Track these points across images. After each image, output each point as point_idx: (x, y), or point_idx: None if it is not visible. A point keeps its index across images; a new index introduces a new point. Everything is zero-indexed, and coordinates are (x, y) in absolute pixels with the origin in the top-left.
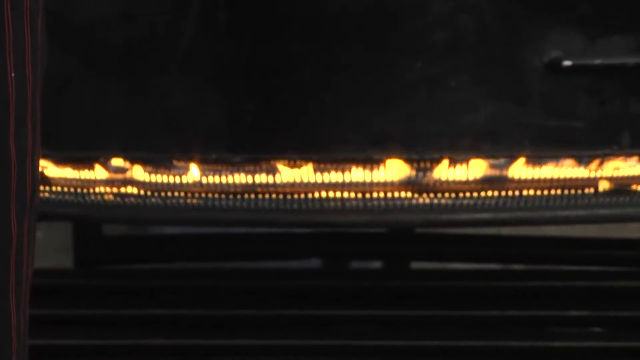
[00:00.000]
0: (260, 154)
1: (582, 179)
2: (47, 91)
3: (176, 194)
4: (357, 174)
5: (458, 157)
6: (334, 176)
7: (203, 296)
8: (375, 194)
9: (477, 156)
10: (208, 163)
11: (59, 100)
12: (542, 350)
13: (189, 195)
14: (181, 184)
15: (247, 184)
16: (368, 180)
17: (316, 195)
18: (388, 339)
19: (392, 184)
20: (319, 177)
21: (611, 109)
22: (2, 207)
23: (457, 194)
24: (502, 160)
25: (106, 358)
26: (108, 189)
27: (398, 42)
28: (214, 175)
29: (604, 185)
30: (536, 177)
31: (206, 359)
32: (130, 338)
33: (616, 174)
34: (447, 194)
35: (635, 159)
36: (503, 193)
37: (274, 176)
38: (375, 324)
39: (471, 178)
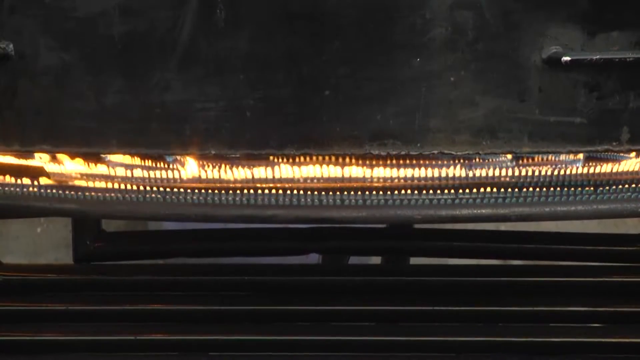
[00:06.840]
0: (259, 150)
1: (581, 175)
2: (47, 86)
3: (175, 189)
4: (357, 169)
5: (457, 153)
6: (333, 171)
7: (201, 292)
8: (374, 190)
9: (476, 152)
10: (207, 159)
11: (58, 95)
12: (542, 345)
13: (188, 190)
14: (180, 179)
15: (246, 180)
16: (368, 175)
17: (315, 190)
18: (387, 334)
19: (391, 179)
20: (318, 173)
21: (611, 105)
22: None
23: (457, 190)
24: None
25: (105, 354)
26: (108, 185)
27: (397, 37)
28: (212, 171)
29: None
30: (536, 172)
31: (206, 355)
32: (129, 334)
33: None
34: (446, 190)
35: (634, 154)
36: (502, 189)
37: (272, 171)
38: (374, 320)
39: (471, 175)
